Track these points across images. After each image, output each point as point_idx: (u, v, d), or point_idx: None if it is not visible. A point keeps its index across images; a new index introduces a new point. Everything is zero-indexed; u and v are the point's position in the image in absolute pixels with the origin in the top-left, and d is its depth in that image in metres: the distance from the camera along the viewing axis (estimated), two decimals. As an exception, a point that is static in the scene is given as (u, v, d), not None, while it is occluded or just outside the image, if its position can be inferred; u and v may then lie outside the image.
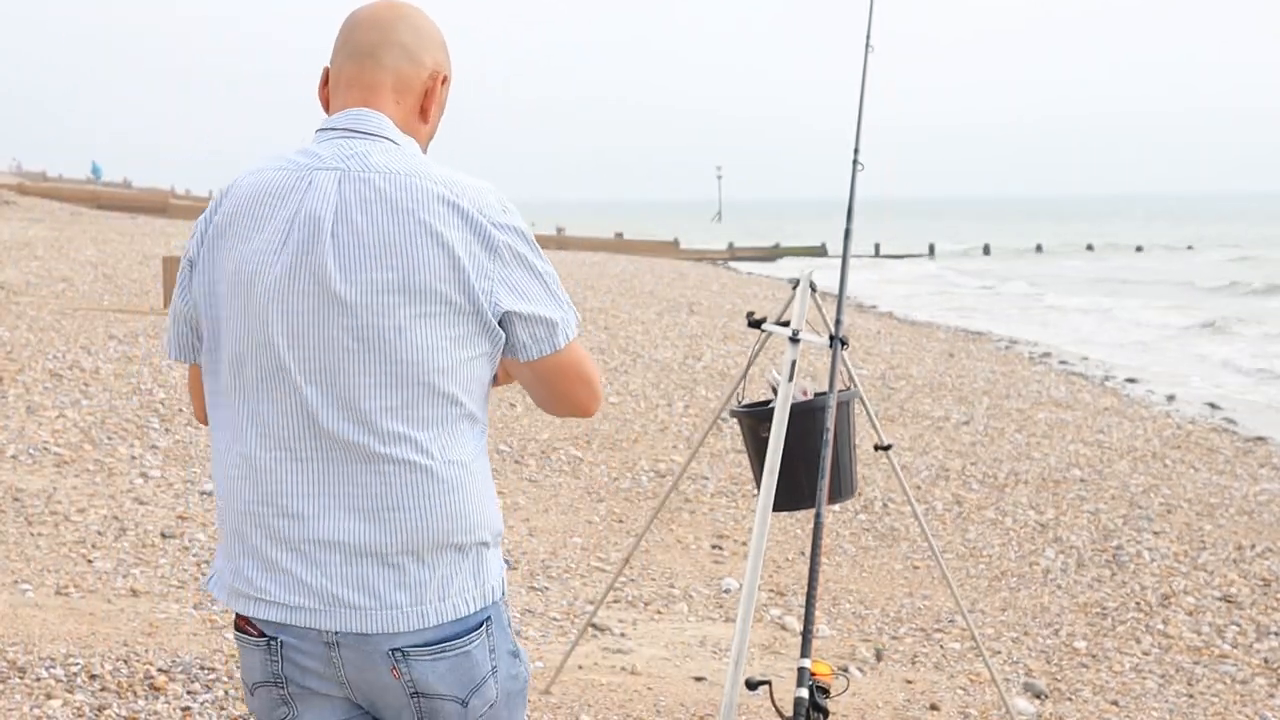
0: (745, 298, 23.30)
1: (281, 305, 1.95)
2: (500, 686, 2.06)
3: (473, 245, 1.95)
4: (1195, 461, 10.38)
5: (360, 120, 2.02)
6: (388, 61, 2.05)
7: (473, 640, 2.01)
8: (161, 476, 7.16)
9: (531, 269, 2.00)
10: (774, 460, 3.94)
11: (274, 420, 1.99)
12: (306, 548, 1.97)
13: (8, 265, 17.65)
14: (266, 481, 2.00)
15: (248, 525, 2.02)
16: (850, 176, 4.31)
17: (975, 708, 5.00)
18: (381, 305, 1.93)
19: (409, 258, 1.93)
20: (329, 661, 1.99)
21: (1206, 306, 29.29)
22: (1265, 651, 5.93)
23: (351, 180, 1.96)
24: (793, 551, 7.09)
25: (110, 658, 4.37)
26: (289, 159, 2.02)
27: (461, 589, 2.00)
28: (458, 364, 1.96)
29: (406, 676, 1.98)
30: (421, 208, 1.94)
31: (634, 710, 4.55)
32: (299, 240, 1.95)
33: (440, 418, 1.97)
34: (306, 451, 1.98)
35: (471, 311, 1.96)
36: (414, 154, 2.02)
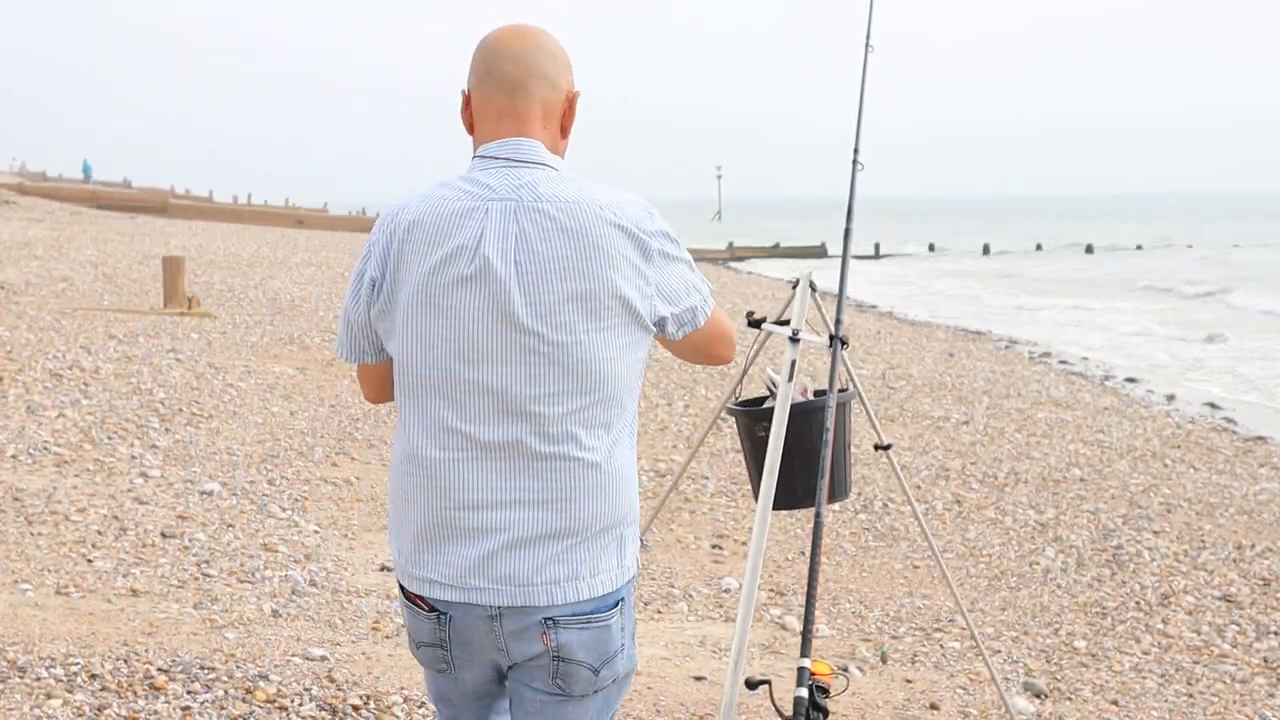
0: (745, 297, 23.30)
1: (463, 321, 2.21)
2: (623, 665, 2.35)
3: (635, 259, 2.23)
4: (1195, 461, 10.38)
5: (519, 150, 2.26)
6: (535, 92, 2.28)
7: (612, 616, 2.30)
8: (161, 476, 7.16)
9: (675, 263, 2.30)
10: (774, 460, 3.94)
11: (455, 422, 2.24)
12: (477, 534, 2.24)
13: (8, 265, 17.64)
14: (440, 477, 2.26)
15: (422, 512, 2.28)
16: (850, 176, 4.31)
17: (975, 707, 5.00)
18: (563, 323, 2.19)
19: (586, 278, 2.19)
20: (490, 631, 2.28)
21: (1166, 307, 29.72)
22: (1265, 651, 5.94)
23: (526, 210, 2.20)
24: (793, 551, 7.09)
25: (110, 657, 4.37)
26: (460, 187, 2.25)
27: (608, 568, 2.29)
28: (627, 368, 2.26)
29: (554, 642, 2.26)
30: (594, 232, 2.20)
31: (634, 710, 4.55)
32: (480, 265, 2.19)
33: (608, 419, 2.27)
34: (485, 450, 2.24)
35: (636, 320, 2.25)
36: (573, 179, 2.27)
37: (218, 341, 12.08)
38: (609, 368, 2.23)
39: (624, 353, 2.24)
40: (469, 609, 2.26)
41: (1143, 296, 33.12)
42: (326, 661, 4.63)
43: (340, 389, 10.38)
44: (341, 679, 4.43)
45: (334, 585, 5.70)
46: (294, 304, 15.57)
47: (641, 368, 2.31)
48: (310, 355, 11.89)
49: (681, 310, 2.31)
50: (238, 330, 12.89)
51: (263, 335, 12.71)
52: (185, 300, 13.96)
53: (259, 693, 4.22)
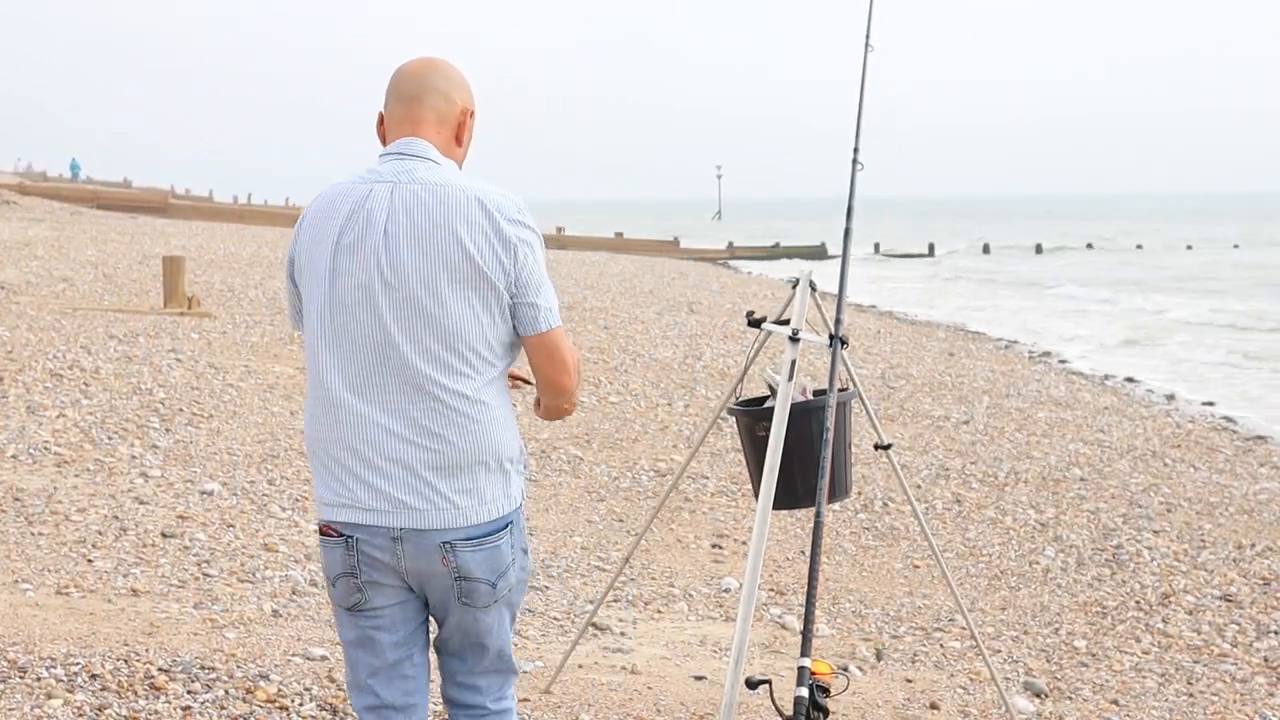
0: (745, 297, 23.29)
1: (352, 284, 2.61)
2: (515, 575, 2.73)
3: (496, 232, 2.60)
4: (1195, 460, 10.38)
5: (409, 146, 2.68)
6: (428, 103, 2.71)
7: (501, 537, 2.67)
8: (162, 476, 7.16)
9: (529, 249, 2.65)
10: (774, 459, 3.94)
11: (350, 367, 2.63)
12: (380, 465, 2.61)
13: (8, 265, 17.65)
14: (346, 416, 2.63)
15: (331, 450, 2.65)
16: (850, 176, 4.31)
17: (975, 706, 5.01)
18: (423, 283, 2.58)
19: (446, 245, 2.58)
20: (393, 553, 2.62)
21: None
22: (1265, 650, 5.94)
23: (400, 190, 2.62)
24: (793, 551, 7.09)
25: (111, 657, 4.37)
26: (358, 175, 2.69)
27: (493, 497, 2.65)
28: (485, 326, 2.62)
29: (453, 563, 2.63)
30: (454, 208, 2.60)
31: (634, 709, 4.55)
32: (357, 233, 2.61)
33: (469, 369, 2.62)
34: (375, 393, 2.62)
35: (493, 285, 2.60)
36: (450, 169, 2.68)
37: (218, 341, 12.08)
38: (465, 323, 2.60)
39: (484, 308, 2.61)
40: (374, 530, 2.62)
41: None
42: (327, 661, 4.63)
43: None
44: (342, 679, 4.43)
45: (334, 585, 5.70)
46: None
47: (506, 329, 2.65)
48: (310, 355, 11.89)
49: (526, 304, 2.65)
50: (238, 330, 12.89)
51: (263, 335, 12.71)
52: (185, 300, 13.96)
53: (259, 692, 4.22)
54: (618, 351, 13.79)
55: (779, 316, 4.30)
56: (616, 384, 11.72)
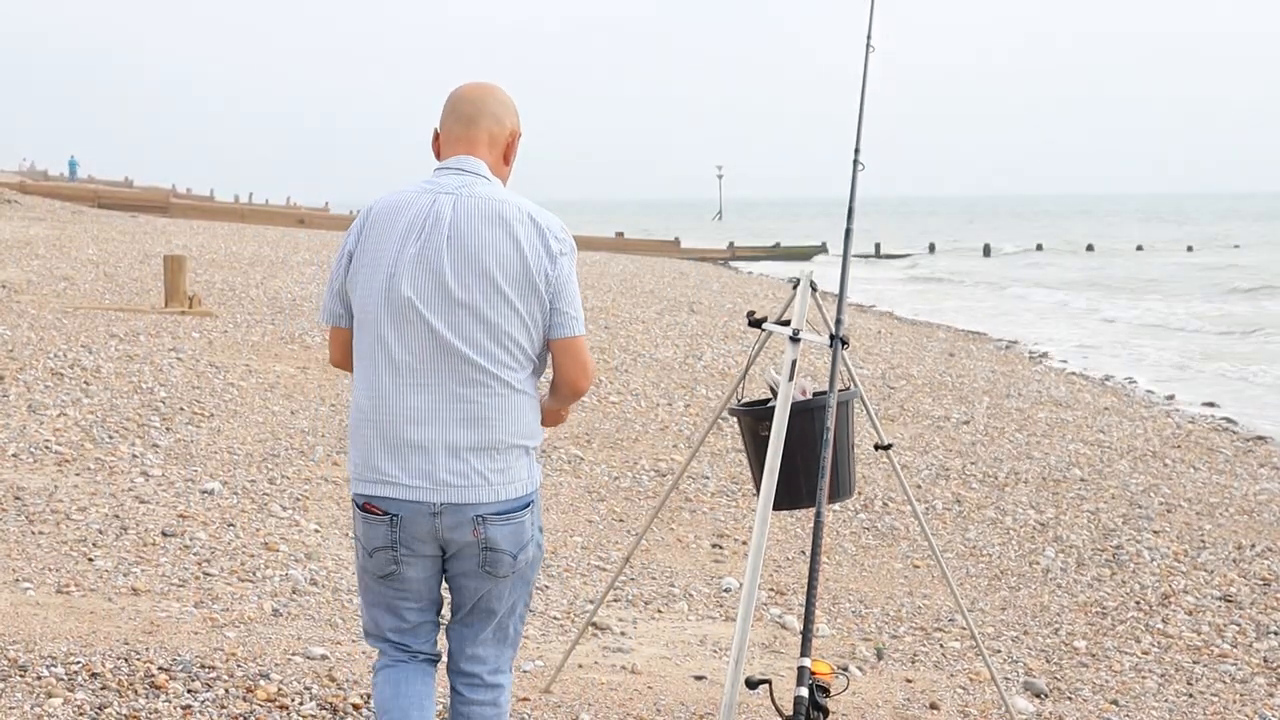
0: (746, 297, 23.29)
1: (411, 279, 2.91)
2: (533, 551, 3.06)
3: (540, 248, 2.95)
4: (1195, 461, 10.38)
5: (465, 164, 3.02)
6: (483, 126, 3.05)
7: (525, 514, 2.99)
8: (162, 475, 7.17)
9: (569, 270, 2.99)
10: (774, 460, 3.94)
11: (406, 356, 2.92)
12: (426, 445, 2.90)
13: (9, 264, 17.65)
14: (397, 400, 2.92)
15: (381, 429, 2.94)
16: (851, 176, 4.31)
17: (975, 707, 5.01)
18: (480, 285, 2.90)
19: (509, 253, 2.92)
20: (432, 526, 2.93)
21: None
22: (1265, 651, 5.94)
23: (462, 201, 2.95)
24: (793, 551, 7.09)
25: (111, 656, 4.38)
26: (419, 185, 3.01)
27: (520, 478, 2.97)
28: (528, 327, 2.95)
29: (483, 534, 2.94)
30: (512, 220, 2.95)
31: (634, 709, 4.56)
32: (425, 236, 2.92)
33: (512, 361, 2.94)
34: (427, 380, 2.92)
35: (537, 292, 2.94)
36: (501, 187, 3.04)
37: (219, 340, 12.08)
38: (512, 321, 2.93)
39: (527, 313, 2.94)
40: (417, 507, 2.92)
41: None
42: (327, 660, 4.63)
43: (341, 388, 10.38)
44: (342, 678, 4.44)
45: (335, 584, 5.70)
46: (295, 303, 15.57)
47: (541, 332, 2.98)
48: (311, 354, 11.89)
49: (560, 311, 2.98)
50: (239, 329, 12.90)
51: (264, 334, 12.71)
52: (186, 299, 13.96)
53: (260, 691, 4.23)
54: (618, 351, 13.79)
55: (780, 317, 4.31)
56: (617, 384, 11.73)
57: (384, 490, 2.92)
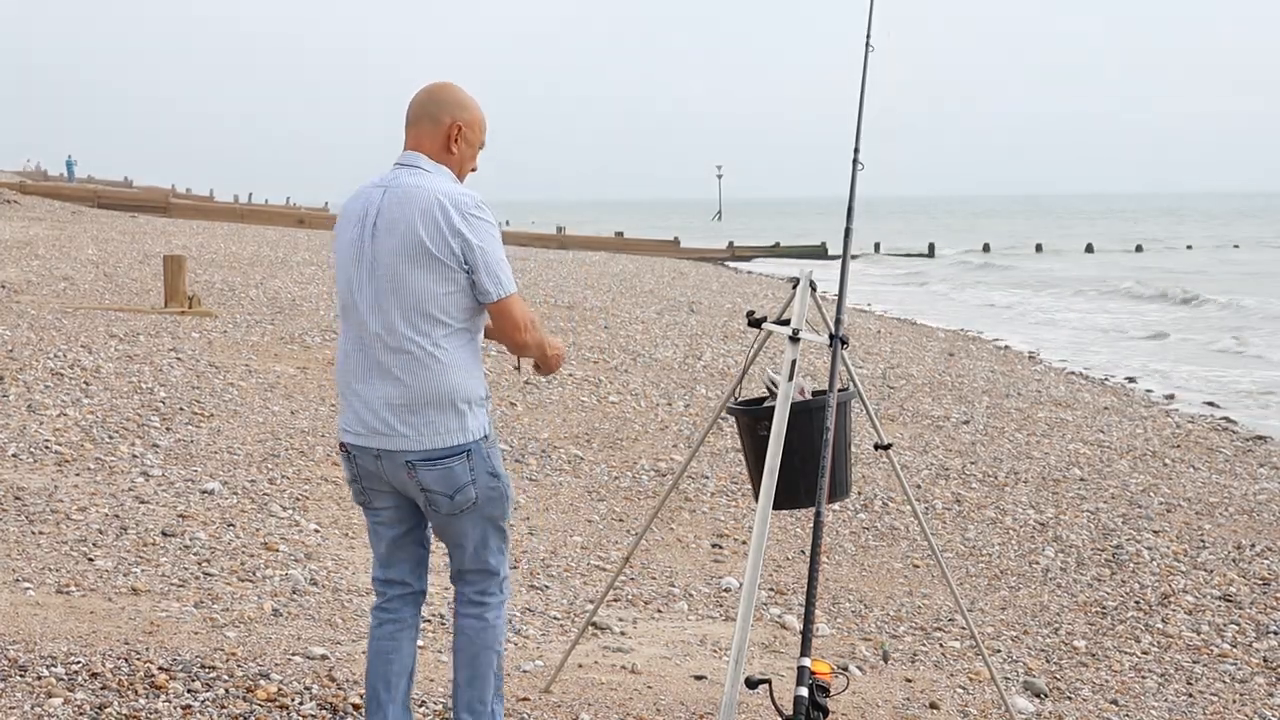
0: (745, 297, 23.30)
1: (353, 264, 3.46)
2: (479, 492, 3.47)
3: (447, 225, 3.35)
4: (1195, 460, 10.38)
5: (406, 158, 3.52)
6: (421, 124, 3.53)
7: (454, 461, 3.42)
8: (162, 475, 7.17)
9: (488, 236, 3.40)
10: (774, 459, 3.94)
11: (353, 328, 3.48)
12: (366, 400, 3.46)
13: (9, 264, 17.65)
14: (350, 364, 3.51)
15: (343, 388, 3.54)
16: (850, 176, 4.31)
17: (975, 706, 5.01)
18: (394, 262, 3.37)
19: (411, 233, 3.36)
20: (378, 467, 3.48)
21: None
22: (1265, 650, 5.94)
23: (389, 192, 3.45)
24: (793, 550, 7.09)
25: (111, 656, 4.38)
26: (372, 181, 3.53)
27: (447, 429, 3.41)
28: (438, 296, 3.38)
29: (415, 478, 3.44)
30: (420, 201, 3.38)
31: (634, 709, 4.56)
32: (362, 223, 3.46)
33: (430, 328, 3.39)
34: (366, 347, 3.45)
35: (444, 264, 3.35)
36: (431, 175, 3.46)
37: (218, 341, 12.09)
38: (427, 293, 3.36)
39: (438, 285, 3.36)
40: (363, 450, 3.49)
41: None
42: (327, 660, 4.63)
43: (341, 388, 10.38)
44: (342, 678, 4.44)
45: (334, 584, 5.70)
46: (295, 303, 15.57)
47: (463, 298, 3.39)
48: (311, 354, 11.89)
49: (480, 279, 3.38)
50: (238, 329, 12.90)
51: (263, 334, 12.71)
52: (186, 299, 13.96)
53: (260, 691, 4.23)
54: (618, 351, 13.79)
55: (779, 316, 4.31)
56: (617, 384, 11.73)
57: (345, 436, 3.54)
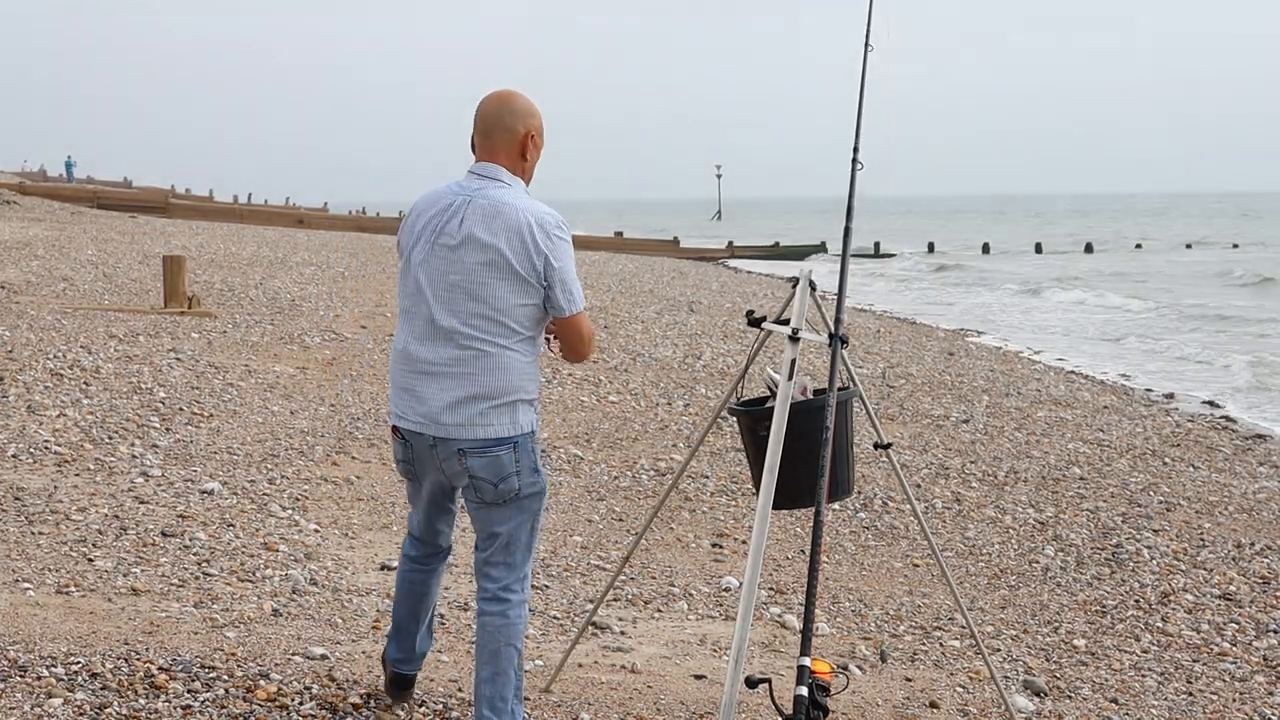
0: (745, 296, 23.30)
1: (426, 264, 3.73)
2: (521, 483, 3.76)
3: (533, 245, 3.65)
4: (1195, 459, 10.39)
5: (485, 169, 3.77)
6: (497, 136, 3.77)
7: (501, 451, 3.71)
8: (162, 475, 7.17)
9: (565, 257, 3.70)
10: (774, 459, 3.94)
11: (419, 322, 3.75)
12: (427, 392, 3.73)
13: (8, 265, 17.65)
14: (412, 356, 3.76)
15: (401, 377, 3.79)
16: (850, 176, 4.31)
17: (975, 705, 5.01)
18: (476, 271, 3.66)
19: (498, 247, 3.65)
20: (431, 453, 3.77)
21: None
22: (1264, 649, 5.94)
23: (474, 203, 3.71)
24: (793, 550, 7.09)
25: (111, 656, 4.38)
26: (451, 185, 3.79)
27: (499, 423, 3.70)
28: (514, 307, 3.68)
29: (466, 464, 3.73)
30: (510, 219, 3.66)
31: (634, 708, 4.56)
32: (444, 229, 3.71)
33: (500, 334, 3.68)
34: (431, 342, 3.72)
35: (525, 280, 3.66)
36: (514, 189, 3.74)
37: (218, 341, 12.09)
38: (502, 303, 3.66)
39: (514, 296, 3.66)
40: (419, 437, 3.77)
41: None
42: (327, 660, 4.63)
43: (340, 388, 10.39)
44: (342, 678, 4.44)
45: (334, 584, 5.70)
46: (294, 303, 15.57)
47: (535, 310, 3.70)
48: (310, 355, 11.89)
49: (555, 294, 3.69)
50: (238, 330, 12.90)
51: (263, 335, 12.72)
52: (186, 300, 13.96)
53: (260, 691, 4.23)
54: (618, 351, 13.80)
55: (779, 316, 4.31)
56: (616, 383, 11.73)
57: (401, 423, 3.80)
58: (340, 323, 14.15)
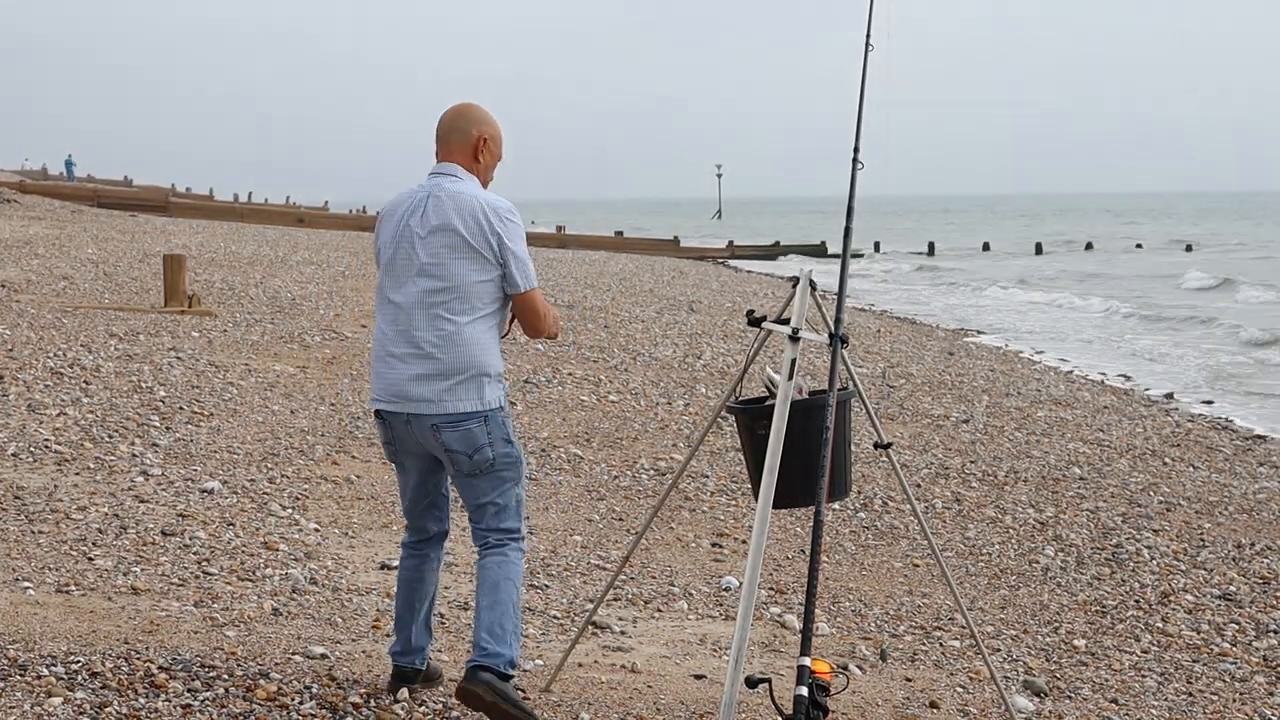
0: (745, 296, 23.31)
1: (396, 256, 4.11)
2: (495, 455, 4.07)
3: (488, 225, 4.03)
4: (1195, 459, 10.39)
5: (442, 168, 4.18)
6: (452, 139, 4.20)
7: (472, 424, 4.03)
8: (162, 474, 7.17)
9: (516, 240, 4.08)
10: (774, 459, 3.94)
11: (390, 310, 4.11)
12: (399, 371, 4.06)
13: (9, 263, 17.65)
14: (385, 340, 4.11)
15: (378, 361, 4.13)
16: (850, 176, 4.31)
17: (975, 705, 5.01)
18: (440, 254, 4.03)
19: (455, 229, 4.03)
20: (407, 430, 4.10)
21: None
22: (1264, 649, 5.94)
23: (433, 197, 4.10)
24: (793, 549, 7.09)
25: (111, 655, 4.38)
26: (412, 189, 4.18)
27: (466, 397, 4.02)
28: (474, 284, 4.04)
29: (439, 437, 4.05)
30: (465, 204, 4.06)
31: (634, 708, 4.56)
32: (408, 223, 4.10)
33: (462, 311, 4.03)
34: (402, 325, 4.07)
35: (483, 257, 4.03)
36: (467, 182, 4.13)
37: (218, 340, 12.09)
38: (465, 280, 4.02)
39: (475, 274, 4.02)
40: (394, 415, 4.10)
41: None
42: (327, 660, 4.63)
43: (341, 387, 10.39)
44: (342, 677, 4.44)
45: (334, 583, 5.70)
46: (294, 302, 15.58)
47: (493, 287, 4.06)
48: (311, 354, 11.89)
49: (510, 272, 4.06)
50: (238, 329, 12.90)
51: (263, 334, 12.72)
52: (186, 299, 13.97)
53: (260, 691, 4.23)
54: (618, 350, 13.79)
55: (779, 315, 4.31)
56: (616, 383, 11.73)
57: (379, 404, 4.12)
58: (340, 321, 14.15)
